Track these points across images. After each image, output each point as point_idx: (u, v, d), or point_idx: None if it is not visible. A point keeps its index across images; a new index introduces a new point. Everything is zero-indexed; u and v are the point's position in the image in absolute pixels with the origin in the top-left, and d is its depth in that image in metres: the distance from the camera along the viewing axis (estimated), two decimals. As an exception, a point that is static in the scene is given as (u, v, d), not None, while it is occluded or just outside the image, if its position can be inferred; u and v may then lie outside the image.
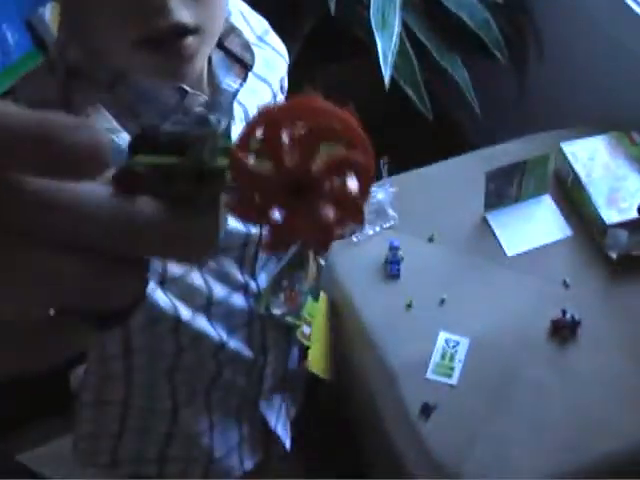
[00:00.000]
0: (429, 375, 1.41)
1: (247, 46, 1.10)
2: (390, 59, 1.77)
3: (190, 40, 0.91)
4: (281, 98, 1.25)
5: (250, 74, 1.12)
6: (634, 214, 1.52)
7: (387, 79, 1.78)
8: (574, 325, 1.44)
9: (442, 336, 1.44)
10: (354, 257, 1.55)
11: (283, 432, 1.41)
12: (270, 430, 1.38)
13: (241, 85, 1.09)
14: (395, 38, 1.78)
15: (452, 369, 1.41)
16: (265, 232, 0.52)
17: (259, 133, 0.53)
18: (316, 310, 1.37)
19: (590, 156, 1.63)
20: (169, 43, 0.91)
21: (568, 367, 1.41)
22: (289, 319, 1.28)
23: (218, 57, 1.08)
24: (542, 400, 1.38)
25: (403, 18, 1.86)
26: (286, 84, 1.28)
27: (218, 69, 1.08)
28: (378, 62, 1.80)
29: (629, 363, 1.41)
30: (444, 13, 1.93)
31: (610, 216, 1.52)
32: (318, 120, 0.55)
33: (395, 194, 1.58)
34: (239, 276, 1.18)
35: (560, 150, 1.63)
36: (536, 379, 1.40)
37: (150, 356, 1.18)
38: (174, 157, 0.51)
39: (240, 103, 1.10)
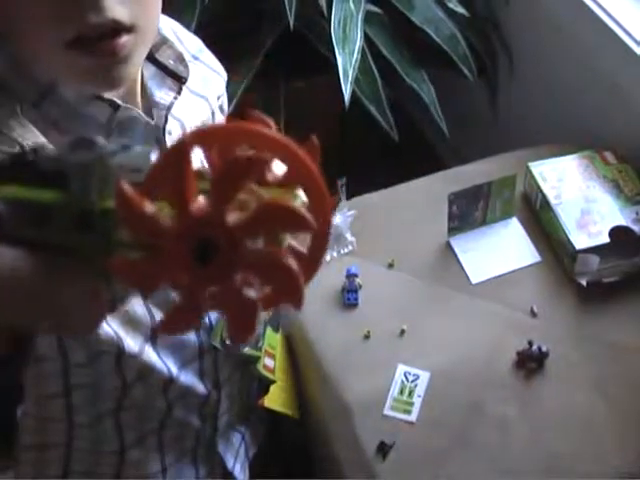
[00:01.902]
0: (386, 411, 1.32)
1: (181, 58, 1.03)
2: (351, 75, 1.69)
3: (125, 39, 0.85)
4: (220, 118, 1.17)
5: (186, 90, 1.05)
6: (605, 238, 1.44)
7: (347, 96, 1.69)
8: (541, 357, 1.35)
9: (401, 369, 1.35)
10: (309, 285, 1.45)
11: (241, 474, 1.32)
12: (228, 472, 1.29)
13: (175, 98, 1.02)
14: (357, 54, 1.70)
15: (411, 405, 1.32)
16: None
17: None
18: (277, 341, 1.30)
19: (560, 177, 1.55)
20: (104, 42, 0.85)
21: (534, 402, 1.32)
22: (247, 351, 1.21)
23: (150, 71, 1.01)
24: (506, 438, 1.29)
25: (366, 33, 1.78)
26: (225, 105, 1.21)
27: (150, 82, 1.01)
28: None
29: (600, 398, 1.32)
30: (410, 27, 1.86)
31: (580, 241, 1.44)
32: (256, 148, 0.37)
33: (354, 217, 1.50)
34: None
35: (528, 170, 1.55)
36: (500, 415, 1.31)
37: (92, 394, 1.08)
38: (53, 192, 0.36)
39: (176, 117, 1.03)
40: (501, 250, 1.50)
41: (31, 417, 1.10)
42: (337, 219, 1.48)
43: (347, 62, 1.69)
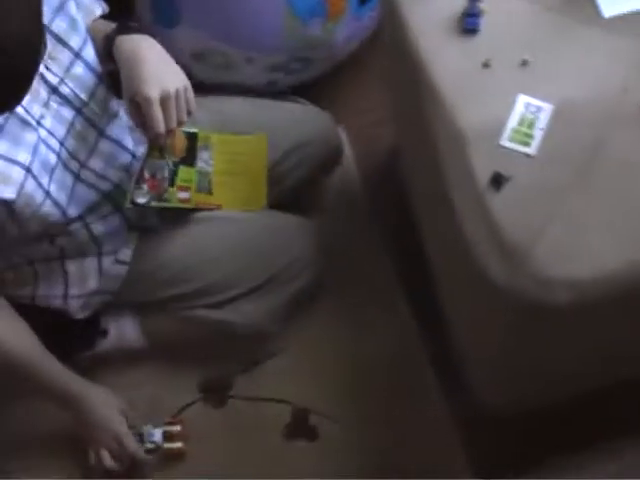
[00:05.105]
0: (503, 142, 1.23)
1: None
2: None
3: None
4: None
5: None
6: None
7: None
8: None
9: (522, 100, 1.26)
10: (427, 6, 1.34)
11: None
12: None
13: None
14: None
15: (531, 137, 1.23)
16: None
17: None
18: (192, 175, 1.52)
19: None
20: None
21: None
22: (154, 204, 1.46)
23: None
24: (629, 181, 1.21)
25: None
26: None
27: None
28: None
29: None
30: None
31: None
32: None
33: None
34: None
35: None
36: (624, 157, 1.22)
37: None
38: None
39: None
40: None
41: None
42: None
43: None
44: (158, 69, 1.32)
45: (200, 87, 1.76)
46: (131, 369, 1.74)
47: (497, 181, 1.20)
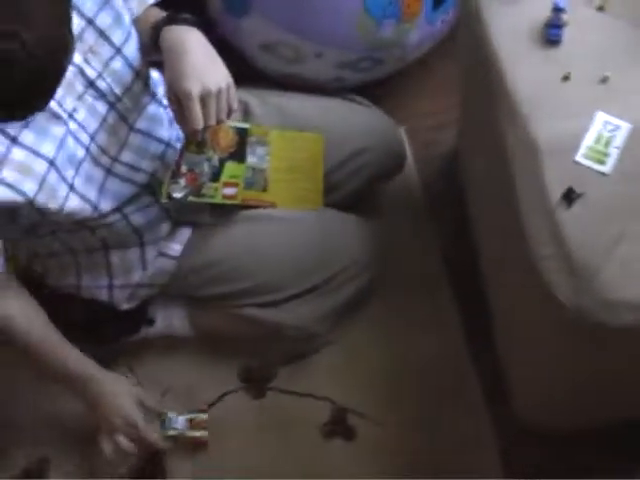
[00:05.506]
0: (579, 158, 1.22)
1: None
2: None
3: None
4: None
5: None
6: None
7: None
8: None
9: (600, 117, 1.24)
10: (509, 14, 1.33)
11: None
12: None
13: None
14: None
15: (606, 155, 1.21)
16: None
17: None
18: (241, 171, 1.50)
19: None
20: None
21: None
22: (192, 199, 1.45)
23: None
24: None
25: None
26: None
27: None
28: None
29: None
30: None
31: None
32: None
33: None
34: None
35: None
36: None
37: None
38: None
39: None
40: None
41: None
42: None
43: None
44: (201, 64, 1.30)
45: (264, 79, 1.78)
46: (172, 355, 1.75)
47: (569, 197, 1.19)
